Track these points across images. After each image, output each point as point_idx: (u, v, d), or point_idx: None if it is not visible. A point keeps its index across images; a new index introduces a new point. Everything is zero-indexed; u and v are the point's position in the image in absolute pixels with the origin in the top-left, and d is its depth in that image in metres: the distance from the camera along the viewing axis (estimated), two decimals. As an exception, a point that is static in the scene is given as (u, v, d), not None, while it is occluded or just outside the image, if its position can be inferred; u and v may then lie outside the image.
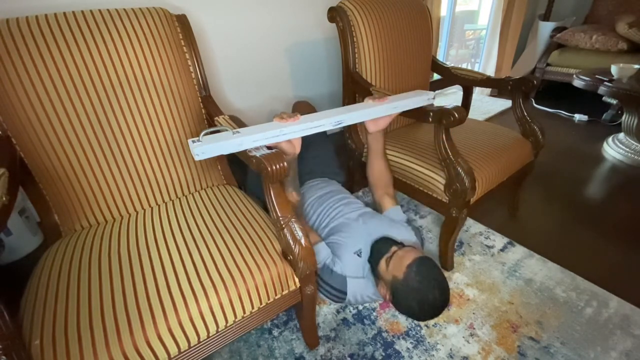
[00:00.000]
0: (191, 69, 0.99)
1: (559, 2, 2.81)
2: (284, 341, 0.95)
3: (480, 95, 2.91)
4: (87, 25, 0.82)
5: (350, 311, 1.03)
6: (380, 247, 0.93)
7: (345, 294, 0.92)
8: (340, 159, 1.38)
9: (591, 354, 0.88)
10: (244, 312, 0.69)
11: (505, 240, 1.28)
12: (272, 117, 0.86)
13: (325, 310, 1.04)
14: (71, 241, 0.79)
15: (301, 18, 1.60)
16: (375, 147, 1.12)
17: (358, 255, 0.95)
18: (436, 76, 2.51)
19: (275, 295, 0.73)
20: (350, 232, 1.00)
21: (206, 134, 0.76)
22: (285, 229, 0.69)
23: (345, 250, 0.95)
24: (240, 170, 1.15)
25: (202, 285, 0.64)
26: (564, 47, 2.59)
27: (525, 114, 1.21)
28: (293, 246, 0.69)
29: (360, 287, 0.94)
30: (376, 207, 1.18)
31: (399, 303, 0.86)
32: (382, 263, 0.89)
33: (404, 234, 1.02)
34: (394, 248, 0.90)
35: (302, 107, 1.51)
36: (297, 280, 0.74)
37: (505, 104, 2.65)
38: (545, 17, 2.82)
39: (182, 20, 0.98)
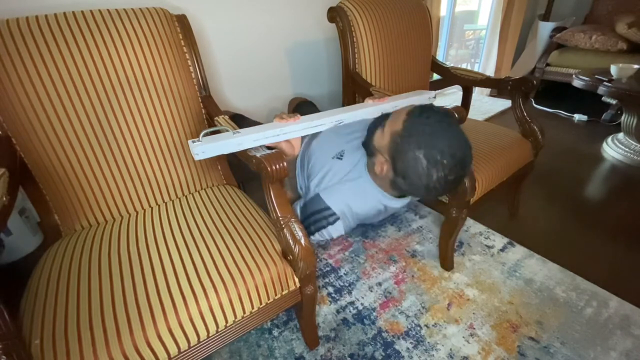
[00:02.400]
0: (191, 69, 0.99)
1: (558, 2, 2.82)
2: (284, 341, 0.95)
3: (480, 95, 2.91)
4: (87, 26, 0.82)
5: (350, 311, 1.03)
6: (375, 122, 0.80)
7: (329, 208, 0.81)
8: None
9: (591, 354, 0.88)
10: (244, 312, 0.69)
11: (505, 240, 1.28)
12: (272, 117, 0.86)
13: (325, 310, 1.04)
14: (71, 241, 0.79)
15: (301, 18, 1.60)
16: None
17: (339, 157, 0.83)
18: (436, 76, 2.51)
19: (275, 295, 0.73)
20: (322, 146, 0.89)
21: (206, 134, 0.76)
22: (285, 229, 0.69)
23: (319, 160, 0.83)
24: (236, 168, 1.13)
25: (202, 285, 0.64)
26: (564, 47, 2.59)
27: (525, 114, 1.21)
28: (293, 246, 0.69)
29: (342, 192, 0.83)
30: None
31: (403, 167, 0.69)
32: (377, 132, 0.76)
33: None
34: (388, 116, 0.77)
35: (297, 102, 1.49)
36: (297, 280, 0.74)
37: (505, 104, 2.65)
38: (545, 17, 2.82)
39: (182, 21, 0.98)
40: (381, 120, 0.81)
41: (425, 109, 0.71)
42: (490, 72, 2.77)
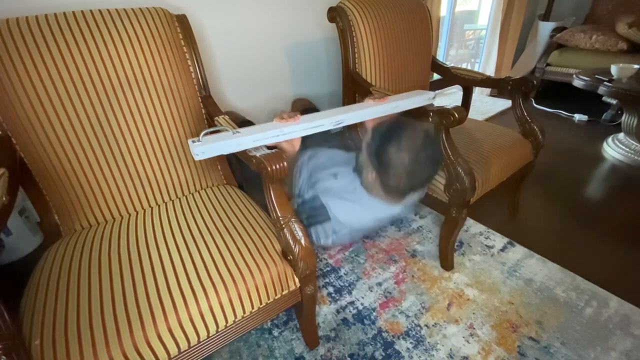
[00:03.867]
0: (191, 69, 0.99)
1: (558, 2, 2.82)
2: (284, 341, 0.95)
3: (480, 95, 2.91)
4: (87, 26, 0.82)
5: (350, 311, 1.03)
6: (357, 156, 0.94)
7: (324, 207, 0.90)
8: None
9: (591, 354, 0.88)
10: (244, 312, 0.69)
11: (505, 240, 1.28)
12: (272, 117, 0.86)
13: (325, 310, 1.04)
14: (71, 241, 0.79)
15: (301, 18, 1.60)
16: None
17: (334, 177, 0.94)
18: (436, 76, 2.51)
19: (275, 295, 0.73)
20: (321, 170, 1.00)
21: (206, 134, 0.76)
22: (285, 229, 0.69)
23: (320, 175, 0.95)
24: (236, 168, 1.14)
25: (202, 285, 0.64)
26: (564, 47, 2.59)
27: (525, 114, 1.21)
28: (293, 246, 0.69)
29: (339, 201, 0.91)
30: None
31: (379, 157, 0.82)
32: (360, 155, 0.90)
33: None
34: None
35: (301, 104, 1.50)
36: (297, 280, 0.74)
37: (505, 104, 2.65)
38: (545, 17, 2.82)
39: (182, 20, 0.98)
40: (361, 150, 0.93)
41: (385, 120, 0.86)
42: (490, 72, 2.77)
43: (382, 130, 0.83)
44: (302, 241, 0.69)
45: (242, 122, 1.31)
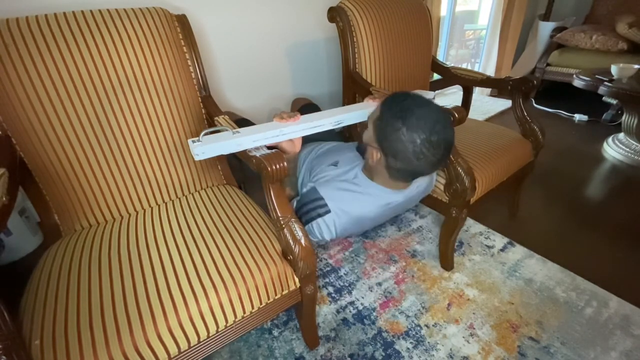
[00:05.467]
0: (191, 69, 0.99)
1: (559, 2, 2.82)
2: (284, 341, 0.95)
3: (480, 95, 2.91)
4: (87, 26, 0.82)
5: (350, 311, 1.03)
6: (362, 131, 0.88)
7: (322, 198, 0.85)
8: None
9: (591, 354, 0.88)
10: (244, 312, 0.69)
11: (505, 240, 1.28)
12: (272, 117, 0.86)
13: (325, 310, 1.04)
14: (71, 241, 0.79)
15: (301, 18, 1.60)
16: None
17: (334, 165, 0.91)
18: (436, 76, 2.51)
19: (275, 295, 0.73)
20: (320, 159, 0.99)
21: (206, 134, 0.76)
22: (285, 229, 0.69)
23: (320, 169, 0.92)
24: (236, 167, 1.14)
25: (202, 285, 0.64)
26: (564, 47, 2.59)
27: (525, 114, 1.21)
28: (293, 246, 0.69)
29: (337, 189, 0.88)
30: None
31: (388, 139, 0.76)
32: (365, 132, 0.84)
33: None
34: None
35: (302, 103, 1.50)
36: (297, 280, 0.74)
37: (505, 104, 2.65)
38: (545, 17, 2.82)
39: (182, 20, 0.98)
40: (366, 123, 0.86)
41: (397, 93, 0.78)
42: (490, 72, 2.77)
43: (392, 104, 0.75)
44: (302, 241, 0.69)
45: (237, 121, 1.31)
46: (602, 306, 1.00)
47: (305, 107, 1.46)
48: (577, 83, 1.89)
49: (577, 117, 2.37)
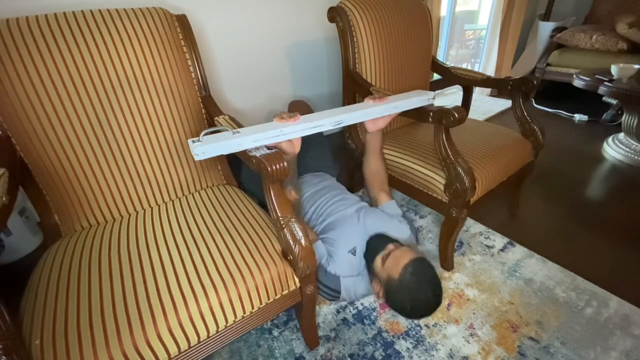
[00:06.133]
0: (191, 69, 0.99)
1: (559, 2, 2.82)
2: (284, 341, 0.95)
3: (480, 95, 2.91)
4: (87, 26, 0.82)
5: (350, 311, 1.03)
6: (377, 244, 0.95)
7: (339, 292, 0.94)
8: (335, 155, 1.41)
9: (591, 354, 0.88)
10: (244, 312, 0.69)
11: (505, 240, 1.28)
12: (272, 117, 0.86)
13: (325, 310, 1.04)
14: (71, 241, 0.79)
15: (301, 18, 1.60)
16: (374, 145, 1.13)
17: (352, 253, 0.96)
18: (436, 76, 2.51)
19: (275, 295, 0.73)
20: (344, 229, 1.01)
21: (206, 134, 0.76)
22: (285, 229, 0.69)
23: (339, 248, 0.96)
24: (235, 167, 1.15)
25: (202, 285, 0.64)
26: (564, 47, 2.59)
27: (525, 114, 1.21)
28: (293, 246, 0.69)
29: (353, 284, 0.95)
30: (372, 204, 1.19)
31: (392, 301, 0.89)
32: (378, 261, 0.91)
33: (400, 229, 1.04)
34: (390, 246, 0.92)
35: (298, 106, 1.51)
36: (297, 280, 0.74)
37: (505, 104, 2.65)
38: (545, 17, 2.82)
39: (182, 20, 0.98)
40: (382, 245, 0.93)
41: (420, 263, 0.86)
42: (490, 72, 2.77)
43: (412, 285, 0.84)
44: (302, 241, 0.69)
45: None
46: (602, 306, 1.00)
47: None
48: (577, 83, 1.89)
49: (577, 117, 2.37)
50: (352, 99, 1.30)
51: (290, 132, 0.83)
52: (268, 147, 0.75)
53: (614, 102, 2.26)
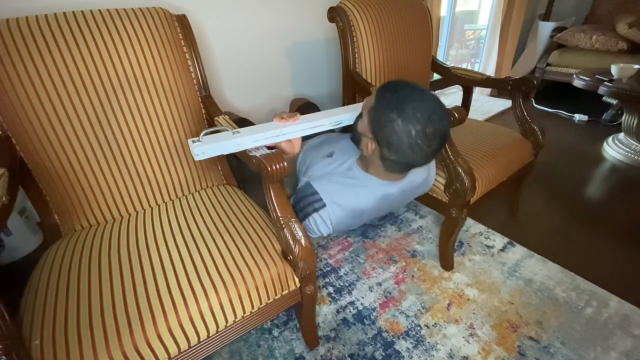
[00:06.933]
0: (191, 69, 0.99)
1: (559, 2, 2.82)
2: (284, 341, 0.95)
3: (480, 95, 2.91)
4: (87, 26, 0.82)
5: (350, 311, 1.03)
6: (356, 119, 0.87)
7: (317, 193, 0.84)
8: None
9: (591, 354, 0.88)
10: (244, 312, 0.69)
11: (505, 240, 1.28)
12: (272, 117, 0.86)
13: (325, 310, 1.04)
14: (71, 241, 0.79)
15: (301, 18, 1.60)
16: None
17: (329, 156, 0.90)
18: (436, 76, 2.51)
19: (275, 295, 0.73)
20: (316, 150, 0.98)
21: (206, 134, 0.76)
22: (285, 229, 0.69)
23: (315, 159, 0.92)
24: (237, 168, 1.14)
25: (202, 285, 0.64)
26: (564, 47, 2.59)
27: (525, 114, 1.21)
28: (293, 246, 0.69)
29: (328, 183, 0.87)
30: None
31: (382, 130, 0.74)
32: (359, 121, 0.82)
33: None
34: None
35: (300, 103, 1.50)
36: (297, 280, 0.74)
37: (505, 104, 2.65)
38: (545, 17, 2.82)
39: (182, 20, 0.98)
40: (360, 112, 0.85)
41: (392, 81, 0.76)
42: (490, 72, 2.77)
43: (387, 93, 0.73)
44: (302, 241, 0.69)
45: (237, 120, 1.31)
46: (602, 306, 1.00)
47: (304, 106, 1.46)
48: (577, 83, 1.89)
49: (577, 117, 2.37)
50: (352, 99, 1.30)
51: (290, 132, 0.83)
52: (268, 147, 0.75)
53: (614, 102, 2.26)
